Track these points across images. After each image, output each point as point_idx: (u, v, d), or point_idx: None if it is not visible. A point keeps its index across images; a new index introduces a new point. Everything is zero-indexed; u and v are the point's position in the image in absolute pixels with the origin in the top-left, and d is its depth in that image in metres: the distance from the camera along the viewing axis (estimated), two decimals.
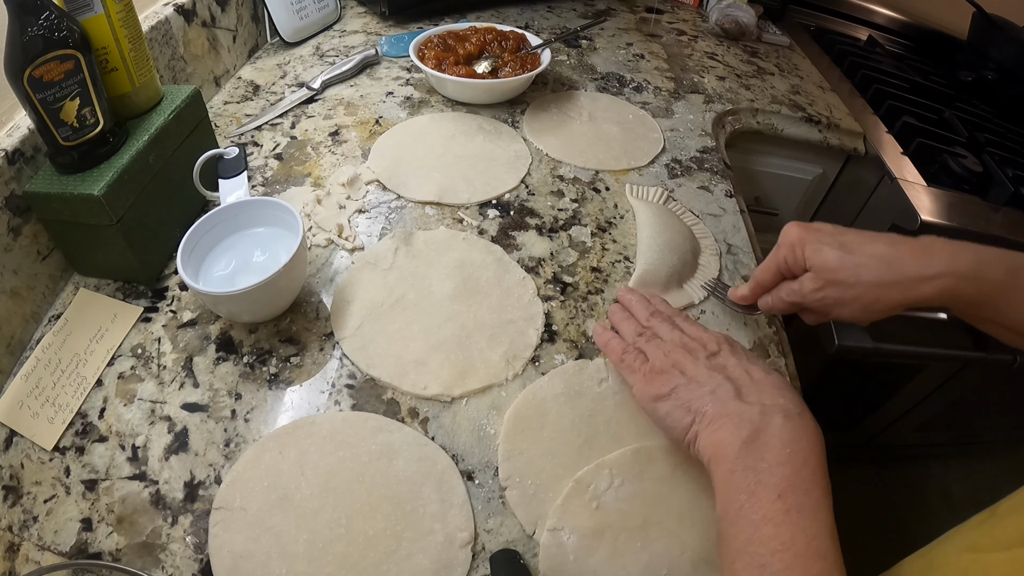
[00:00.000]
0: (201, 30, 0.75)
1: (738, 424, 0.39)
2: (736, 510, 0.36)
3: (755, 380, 0.42)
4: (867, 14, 1.35)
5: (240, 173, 0.56)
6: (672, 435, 0.43)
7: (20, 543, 0.40)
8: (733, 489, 0.37)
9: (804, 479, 0.36)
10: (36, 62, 0.42)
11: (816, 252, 0.45)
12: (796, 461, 0.36)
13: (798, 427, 0.38)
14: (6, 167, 0.47)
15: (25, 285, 0.50)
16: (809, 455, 0.37)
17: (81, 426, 0.45)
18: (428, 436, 0.45)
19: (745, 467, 0.37)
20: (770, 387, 0.41)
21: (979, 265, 0.41)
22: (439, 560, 0.39)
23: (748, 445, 0.37)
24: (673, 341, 0.47)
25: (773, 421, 0.38)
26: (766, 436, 0.37)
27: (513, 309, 0.54)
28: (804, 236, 0.47)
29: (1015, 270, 0.41)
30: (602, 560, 0.40)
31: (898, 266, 0.43)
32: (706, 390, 0.42)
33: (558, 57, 0.93)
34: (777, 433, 0.37)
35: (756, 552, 0.34)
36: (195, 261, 0.49)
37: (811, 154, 0.95)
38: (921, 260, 0.42)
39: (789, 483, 0.35)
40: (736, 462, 0.37)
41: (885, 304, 0.44)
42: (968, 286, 0.41)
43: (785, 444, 0.37)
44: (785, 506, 0.34)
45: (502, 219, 0.63)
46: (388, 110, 0.77)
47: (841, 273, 0.44)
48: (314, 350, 0.50)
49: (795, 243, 0.47)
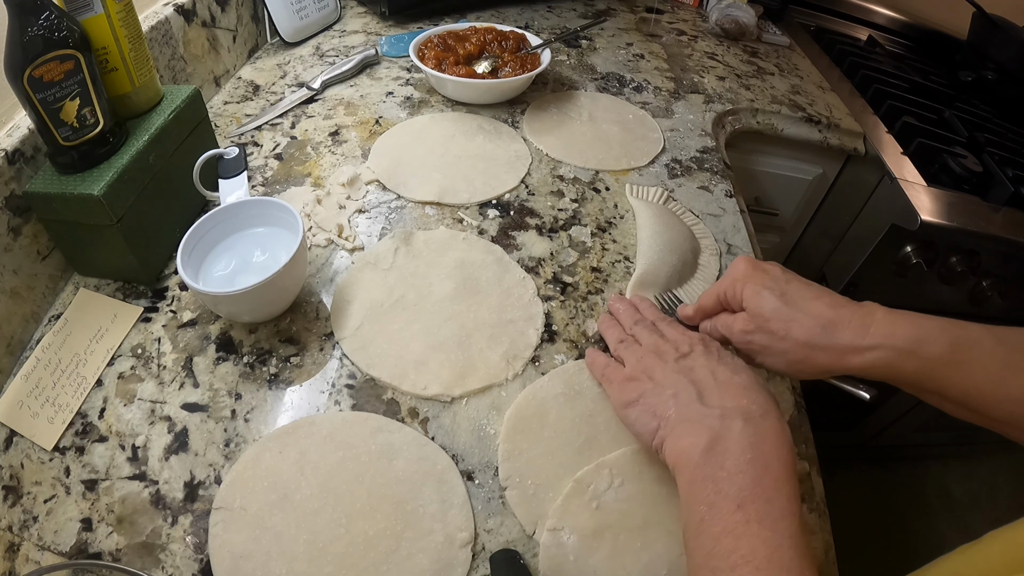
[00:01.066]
0: (201, 30, 0.75)
1: (698, 430, 0.37)
2: (697, 523, 0.34)
3: (719, 381, 0.40)
4: (867, 14, 1.35)
5: (240, 173, 0.56)
6: (642, 441, 0.42)
7: (20, 543, 0.40)
8: (694, 500, 0.35)
9: (766, 487, 0.34)
10: (36, 62, 0.42)
11: (754, 294, 0.43)
12: (757, 467, 0.35)
13: (760, 430, 0.36)
14: (6, 167, 0.47)
15: (25, 285, 0.50)
16: (771, 460, 0.35)
17: (81, 426, 0.45)
18: (428, 436, 0.45)
19: (705, 476, 0.35)
20: (734, 388, 0.40)
21: (919, 339, 0.39)
22: (439, 560, 0.39)
23: (707, 452, 0.36)
24: (647, 346, 0.46)
25: (733, 426, 0.37)
26: (725, 442, 0.36)
27: (513, 309, 0.54)
28: (749, 275, 0.45)
29: (957, 344, 0.38)
30: (602, 560, 0.40)
31: (832, 331, 0.40)
32: (669, 393, 0.41)
33: (558, 57, 0.93)
34: (736, 438, 0.36)
35: (716, 567, 0.32)
36: (195, 261, 0.49)
37: (811, 154, 0.95)
38: (858, 329, 0.40)
39: (749, 492, 0.34)
40: (696, 471, 0.36)
41: (812, 366, 0.42)
42: (906, 361, 0.39)
43: (744, 450, 0.35)
44: (745, 517, 0.33)
45: (502, 219, 0.63)
46: (388, 110, 0.77)
47: (774, 323, 0.42)
48: (314, 350, 0.50)
49: (738, 279, 0.45)
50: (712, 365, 0.42)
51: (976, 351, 0.38)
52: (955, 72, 1.16)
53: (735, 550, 0.32)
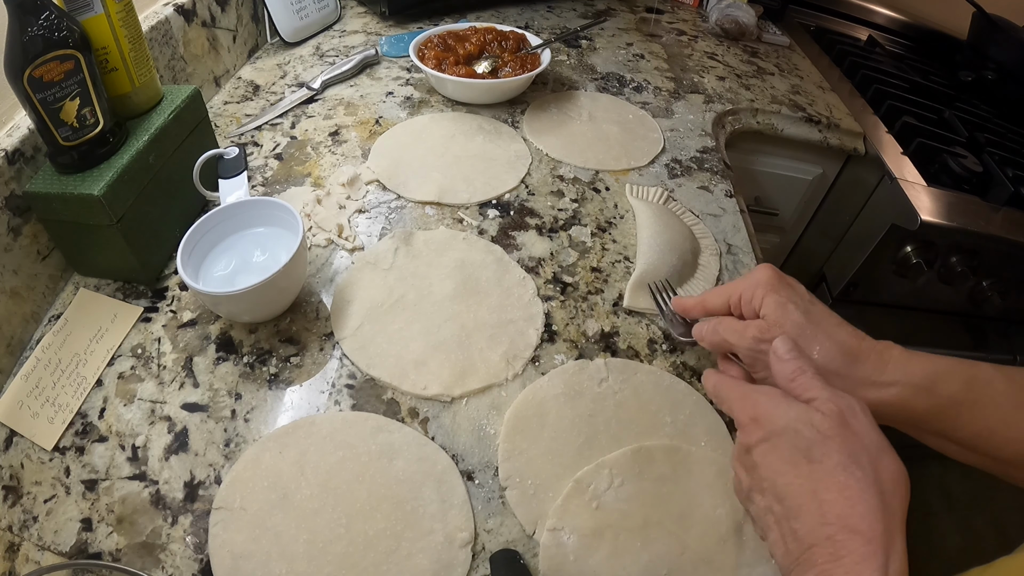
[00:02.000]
0: (201, 30, 0.75)
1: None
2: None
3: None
4: (867, 14, 1.35)
5: (240, 173, 0.56)
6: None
7: (20, 543, 0.40)
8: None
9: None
10: (36, 62, 0.42)
11: (779, 305, 0.41)
12: None
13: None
14: (6, 167, 0.47)
15: (25, 285, 0.50)
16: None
17: (81, 426, 0.45)
18: (428, 436, 0.45)
19: None
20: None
21: (934, 378, 0.38)
22: (439, 560, 0.39)
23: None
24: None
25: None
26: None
27: (513, 309, 0.54)
28: (773, 284, 0.42)
29: (970, 383, 0.38)
30: (602, 560, 0.40)
31: (853, 361, 0.39)
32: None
33: (558, 57, 0.93)
34: None
35: None
36: (195, 261, 0.49)
37: (811, 154, 0.95)
38: (877, 364, 0.39)
39: None
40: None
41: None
42: (921, 398, 0.38)
43: None
44: None
45: (502, 219, 0.63)
46: (388, 110, 0.77)
47: (795, 338, 0.39)
48: (314, 350, 0.50)
49: (760, 285, 0.42)
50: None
51: (988, 391, 0.38)
52: (955, 72, 1.16)
53: None
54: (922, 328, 0.99)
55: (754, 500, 0.35)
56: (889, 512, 0.29)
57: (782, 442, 0.33)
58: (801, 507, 0.31)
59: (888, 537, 0.29)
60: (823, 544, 0.29)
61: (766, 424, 0.34)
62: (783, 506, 0.32)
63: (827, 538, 0.29)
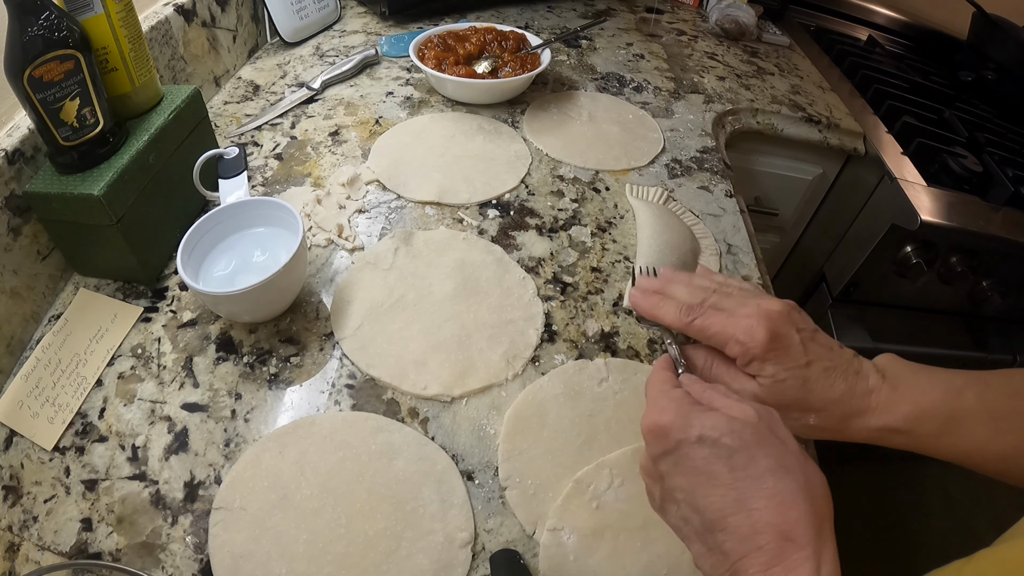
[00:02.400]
0: (201, 30, 0.75)
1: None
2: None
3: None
4: (867, 14, 1.35)
5: (240, 173, 0.56)
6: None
7: (20, 543, 0.40)
8: None
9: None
10: (36, 62, 0.42)
11: (776, 383, 0.38)
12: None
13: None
14: (6, 167, 0.47)
15: (25, 285, 0.50)
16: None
17: (81, 426, 0.45)
18: (428, 436, 0.45)
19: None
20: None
21: (916, 419, 0.38)
22: (439, 560, 0.39)
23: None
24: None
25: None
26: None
27: (513, 309, 0.54)
28: (769, 350, 0.38)
29: (950, 419, 0.37)
30: (602, 560, 0.40)
31: (844, 416, 0.39)
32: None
33: (558, 57, 0.93)
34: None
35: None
36: (195, 261, 0.49)
37: (811, 154, 0.95)
38: (864, 413, 0.38)
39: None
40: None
41: (806, 428, 0.39)
42: (899, 438, 0.39)
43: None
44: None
45: (502, 219, 0.63)
46: (388, 110, 0.77)
47: (791, 411, 0.38)
48: (314, 350, 0.50)
49: (756, 355, 0.38)
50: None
51: (967, 423, 0.38)
52: (955, 72, 1.16)
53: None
54: (922, 328, 0.99)
55: (668, 511, 0.33)
56: (819, 517, 0.29)
57: (695, 452, 0.31)
58: (726, 519, 0.29)
59: (820, 543, 0.28)
60: (754, 555, 0.28)
61: (676, 434, 0.32)
62: (703, 518, 0.30)
63: (758, 548, 0.28)
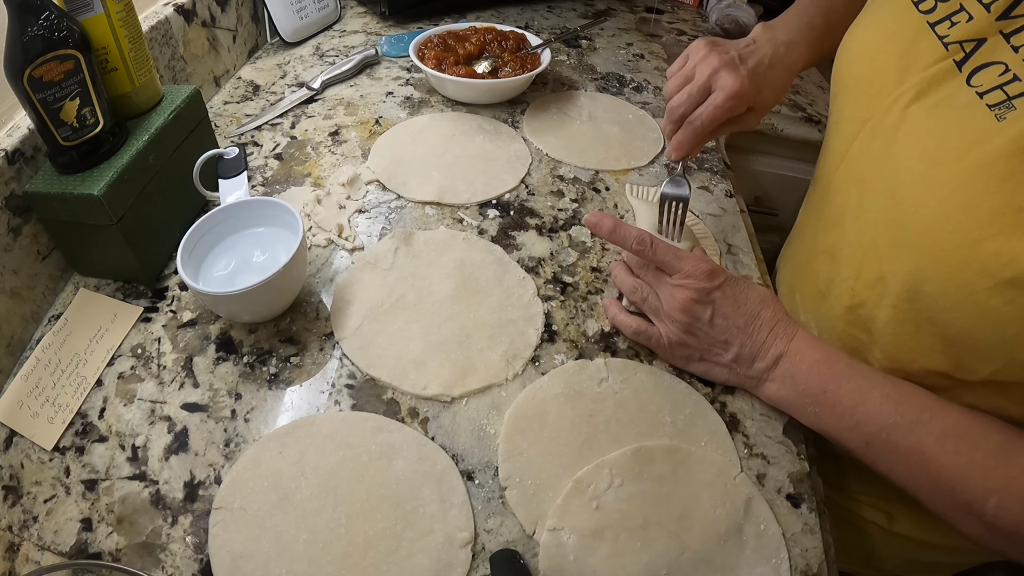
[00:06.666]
0: (201, 30, 0.75)
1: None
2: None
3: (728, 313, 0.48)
4: None
5: (240, 173, 0.56)
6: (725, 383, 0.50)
7: (20, 543, 0.40)
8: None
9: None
10: (36, 62, 0.42)
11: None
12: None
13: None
14: (6, 167, 0.47)
15: (25, 285, 0.50)
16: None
17: (81, 426, 0.45)
18: (428, 436, 0.45)
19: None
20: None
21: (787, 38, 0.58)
22: (439, 560, 0.39)
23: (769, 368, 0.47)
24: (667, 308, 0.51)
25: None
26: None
27: (513, 309, 0.54)
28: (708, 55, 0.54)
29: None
30: (602, 560, 0.40)
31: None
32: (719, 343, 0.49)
33: (558, 57, 0.93)
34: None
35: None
36: (195, 261, 0.49)
37: (811, 154, 0.94)
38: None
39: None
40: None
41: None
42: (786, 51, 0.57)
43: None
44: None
45: (502, 219, 0.63)
46: (388, 110, 0.77)
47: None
48: (314, 350, 0.50)
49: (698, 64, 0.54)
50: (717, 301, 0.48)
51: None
52: None
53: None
54: None
55: (715, 324, 0.47)
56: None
57: (732, 284, 0.48)
58: (759, 311, 0.47)
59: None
60: (779, 326, 0.47)
61: (722, 274, 0.48)
62: (745, 317, 0.47)
63: (777, 320, 0.47)
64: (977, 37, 0.38)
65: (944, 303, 0.38)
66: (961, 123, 0.37)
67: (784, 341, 0.46)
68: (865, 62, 0.48)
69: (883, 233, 0.43)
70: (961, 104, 0.38)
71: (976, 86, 0.37)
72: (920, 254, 0.39)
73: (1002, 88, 0.36)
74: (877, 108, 0.45)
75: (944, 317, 0.39)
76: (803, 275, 0.57)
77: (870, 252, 0.45)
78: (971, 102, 0.37)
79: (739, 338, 0.46)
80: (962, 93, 0.38)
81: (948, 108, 0.39)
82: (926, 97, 0.41)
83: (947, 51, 0.40)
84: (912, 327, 0.42)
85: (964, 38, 0.39)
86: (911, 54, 0.42)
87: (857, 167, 0.48)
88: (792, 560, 0.41)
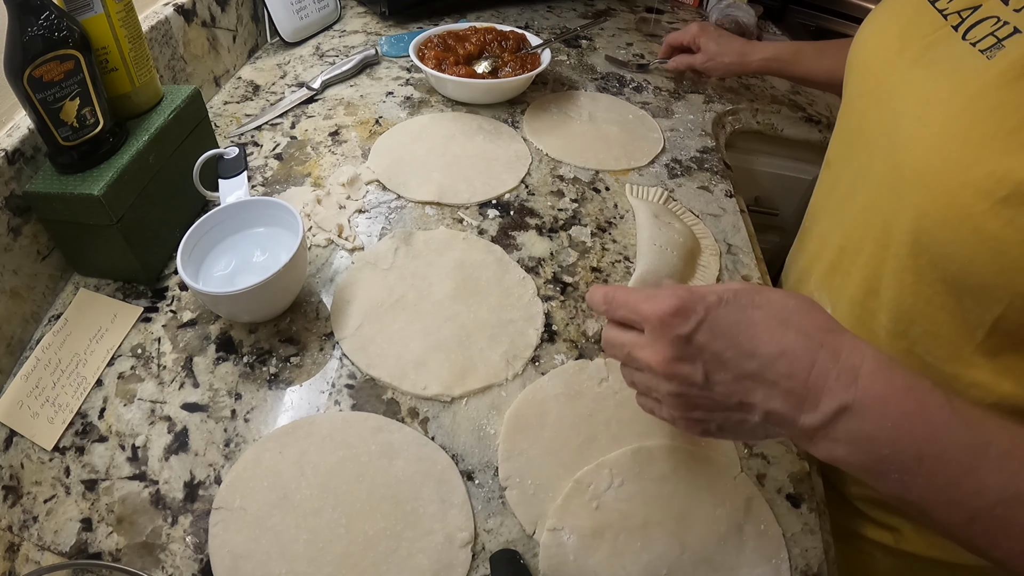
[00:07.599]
0: (201, 30, 0.75)
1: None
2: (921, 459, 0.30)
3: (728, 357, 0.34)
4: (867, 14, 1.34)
5: (240, 173, 0.56)
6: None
7: (20, 543, 0.40)
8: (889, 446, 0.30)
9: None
10: (36, 62, 0.42)
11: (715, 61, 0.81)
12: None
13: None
14: (6, 167, 0.47)
15: (25, 285, 0.50)
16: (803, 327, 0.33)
17: (81, 426, 0.45)
18: (428, 436, 0.45)
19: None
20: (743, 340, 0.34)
21: (775, 54, 0.77)
22: (439, 560, 0.39)
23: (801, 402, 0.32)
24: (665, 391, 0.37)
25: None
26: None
27: (513, 309, 0.54)
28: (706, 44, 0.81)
29: (798, 51, 0.76)
30: (602, 560, 0.40)
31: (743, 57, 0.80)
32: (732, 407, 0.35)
33: (558, 57, 0.93)
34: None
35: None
36: (195, 261, 0.49)
37: (811, 154, 0.95)
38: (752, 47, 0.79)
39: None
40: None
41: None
42: (774, 64, 0.78)
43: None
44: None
45: (502, 219, 0.63)
46: (388, 110, 0.77)
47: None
48: (314, 350, 0.50)
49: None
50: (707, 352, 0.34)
51: (805, 53, 0.78)
52: None
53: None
54: None
55: (717, 381, 0.33)
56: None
57: (723, 312, 0.33)
58: (780, 344, 0.31)
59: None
60: (819, 354, 0.31)
61: (698, 306, 0.33)
62: (760, 358, 0.32)
63: (820, 346, 0.31)
64: (973, 5, 0.40)
65: (943, 235, 0.38)
66: (955, 69, 0.39)
67: (844, 384, 0.30)
68: (872, 44, 0.50)
69: (885, 181, 0.44)
70: (956, 55, 0.40)
71: (971, 39, 0.39)
72: (918, 190, 0.39)
73: (993, 34, 0.38)
74: (881, 78, 0.47)
75: (944, 253, 0.38)
76: (819, 255, 0.56)
77: (875, 206, 0.45)
78: (966, 52, 0.39)
79: (760, 392, 0.32)
80: (958, 46, 0.40)
81: (945, 60, 0.41)
82: (923, 57, 0.43)
83: (946, 20, 0.42)
84: (914, 276, 0.42)
85: (962, 7, 0.41)
86: (912, 26, 0.45)
87: (864, 135, 0.49)
88: (792, 560, 0.41)
